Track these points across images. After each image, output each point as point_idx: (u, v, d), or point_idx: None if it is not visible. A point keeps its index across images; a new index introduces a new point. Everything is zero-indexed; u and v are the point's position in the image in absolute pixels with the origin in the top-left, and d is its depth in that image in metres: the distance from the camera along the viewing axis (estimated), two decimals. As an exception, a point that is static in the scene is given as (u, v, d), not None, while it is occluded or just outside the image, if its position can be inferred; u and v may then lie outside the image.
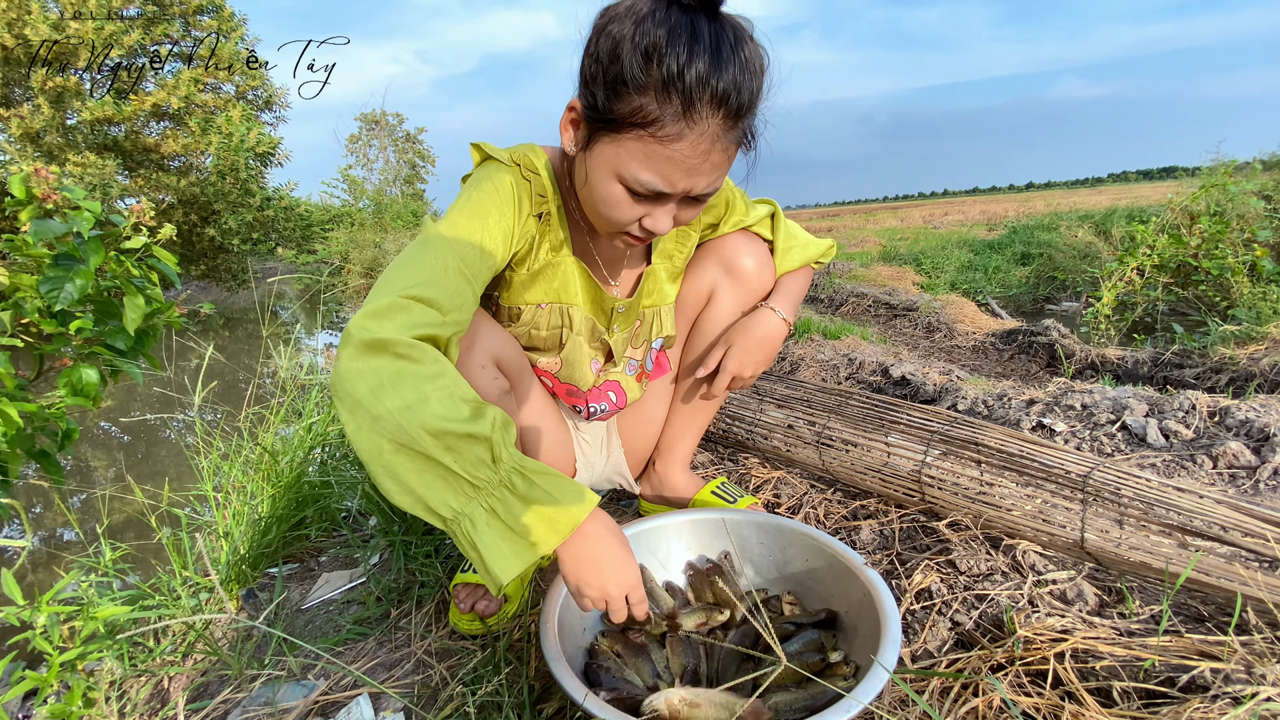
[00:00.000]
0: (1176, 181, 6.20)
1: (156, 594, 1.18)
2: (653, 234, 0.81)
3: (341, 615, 1.15)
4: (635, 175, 0.73)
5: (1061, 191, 42.70)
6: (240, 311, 10.08)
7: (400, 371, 0.64)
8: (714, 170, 0.75)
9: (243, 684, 0.97)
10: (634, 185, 0.74)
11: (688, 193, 0.76)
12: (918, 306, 4.16)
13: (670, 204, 0.78)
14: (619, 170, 0.74)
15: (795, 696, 0.74)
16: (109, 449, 3.94)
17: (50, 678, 0.86)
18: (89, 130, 10.46)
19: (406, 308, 0.68)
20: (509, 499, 0.67)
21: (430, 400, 0.64)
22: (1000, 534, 1.04)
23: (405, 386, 0.64)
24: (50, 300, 1.21)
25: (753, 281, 1.07)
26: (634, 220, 0.79)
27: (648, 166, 0.72)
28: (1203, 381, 2.44)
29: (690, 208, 0.81)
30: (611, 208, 0.78)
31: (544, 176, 0.88)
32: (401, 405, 0.63)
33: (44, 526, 2.72)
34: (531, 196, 0.87)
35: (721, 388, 1.08)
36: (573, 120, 0.80)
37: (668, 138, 0.70)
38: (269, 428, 1.65)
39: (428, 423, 0.63)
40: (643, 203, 0.77)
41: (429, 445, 0.63)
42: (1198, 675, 0.69)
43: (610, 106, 0.72)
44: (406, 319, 0.67)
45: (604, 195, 0.77)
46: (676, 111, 0.69)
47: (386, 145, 21.55)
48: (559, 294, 0.95)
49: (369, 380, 0.64)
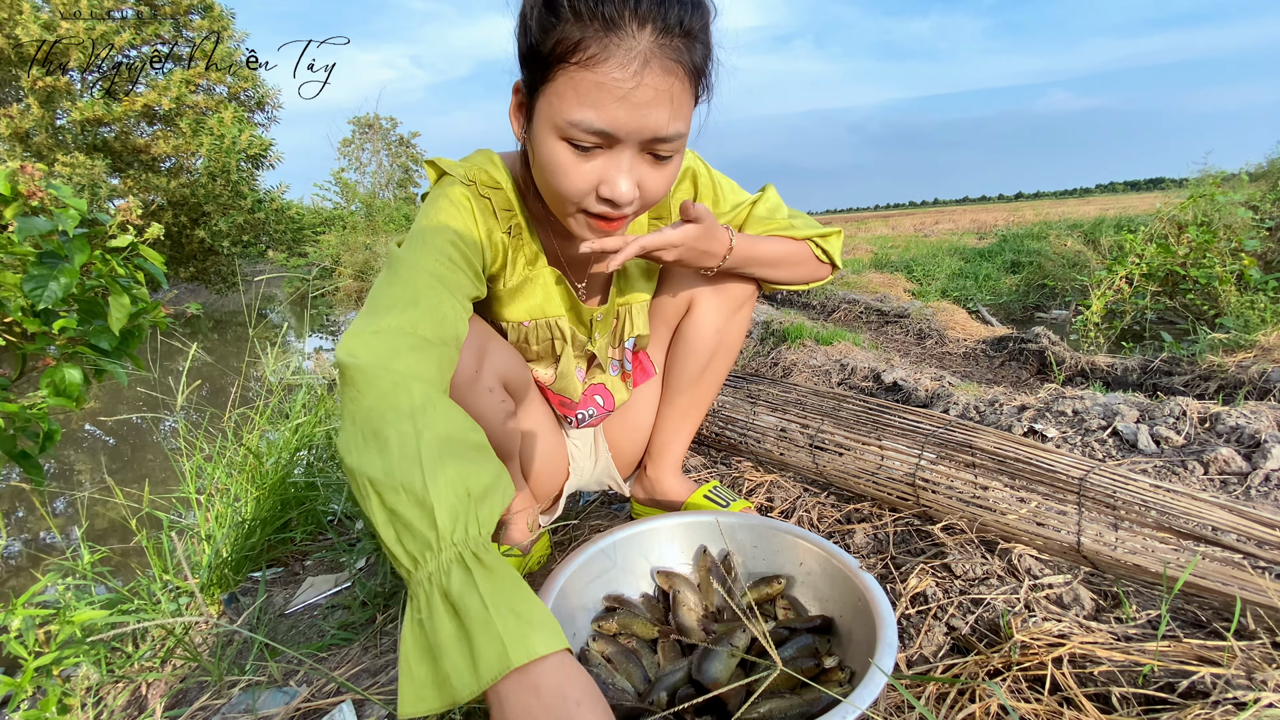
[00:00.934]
0: (1163, 192, 6.30)
1: (136, 598, 1.15)
2: (614, 204, 0.73)
3: (326, 620, 1.12)
4: (569, 116, 0.67)
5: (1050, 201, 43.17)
6: (229, 314, 10.00)
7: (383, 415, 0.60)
8: (658, 101, 0.67)
9: (222, 690, 0.94)
10: (572, 134, 0.68)
11: (638, 135, 0.68)
12: (909, 313, 4.17)
13: (622, 157, 0.70)
14: (555, 120, 0.68)
15: (790, 703, 0.72)
16: (92, 451, 3.88)
17: (24, 683, 0.83)
18: (78, 130, 10.38)
19: (384, 341, 0.65)
20: (433, 599, 0.53)
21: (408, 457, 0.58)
22: (996, 538, 1.04)
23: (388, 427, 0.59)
24: (34, 299, 1.19)
25: (732, 288, 1.03)
26: (589, 188, 0.72)
27: (579, 101, 0.66)
28: (1192, 388, 2.45)
29: (655, 167, 0.73)
30: (560, 175, 0.71)
31: (506, 189, 0.84)
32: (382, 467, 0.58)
33: (25, 530, 2.67)
34: (495, 212, 0.84)
35: (653, 247, 0.85)
36: (520, 103, 0.76)
37: (592, 60, 0.64)
38: (254, 429, 1.62)
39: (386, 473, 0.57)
40: (591, 159, 0.70)
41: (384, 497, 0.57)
42: (1197, 681, 0.68)
43: (537, 53, 0.68)
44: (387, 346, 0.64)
45: (550, 162, 0.71)
46: (597, 30, 0.64)
47: (379, 149, 21.51)
48: (543, 309, 0.94)
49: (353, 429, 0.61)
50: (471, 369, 0.82)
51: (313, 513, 1.50)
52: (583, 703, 0.50)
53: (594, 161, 0.70)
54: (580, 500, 1.43)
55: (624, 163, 0.70)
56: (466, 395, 0.82)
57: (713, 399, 1.16)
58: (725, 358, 1.10)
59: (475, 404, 0.84)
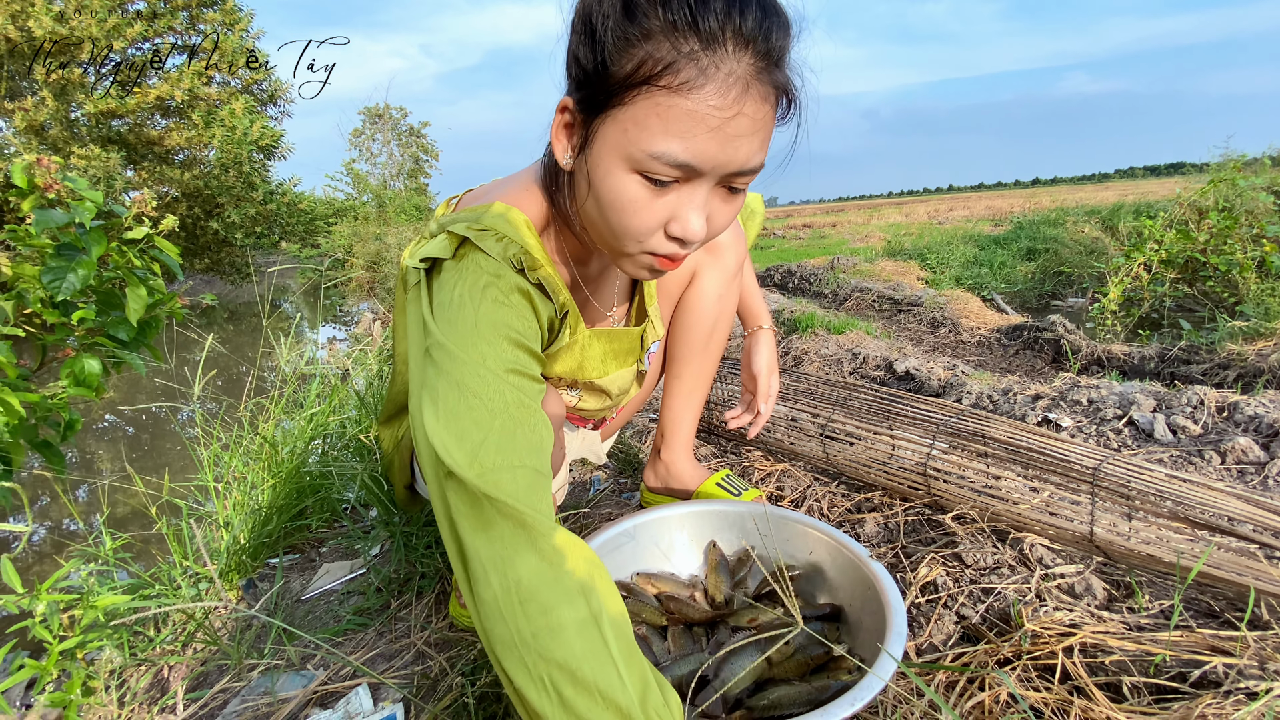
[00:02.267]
0: (1184, 177, 6.16)
1: (157, 584, 1.18)
2: (684, 243, 0.64)
3: (342, 606, 1.14)
4: (650, 147, 0.58)
5: (1068, 187, 42.43)
6: (244, 305, 10.10)
7: (541, 577, 0.54)
8: (752, 131, 0.59)
9: (242, 673, 0.96)
10: (651, 166, 0.59)
11: (724, 169, 0.60)
12: (922, 302, 4.14)
13: (700, 191, 0.62)
14: (629, 150, 0.59)
15: (799, 690, 0.73)
16: (112, 440, 3.95)
17: (50, 666, 0.85)
18: (93, 123, 10.48)
19: (501, 479, 0.57)
20: None
21: (592, 655, 0.53)
22: (1007, 527, 1.03)
23: (542, 600, 0.54)
24: (53, 290, 1.20)
25: (729, 256, 1.07)
26: (656, 226, 0.63)
27: (666, 130, 0.57)
28: (1210, 377, 2.42)
29: (726, 201, 0.65)
30: (626, 212, 0.62)
31: (544, 261, 0.73)
32: (539, 629, 0.53)
33: (48, 517, 2.73)
34: (546, 293, 0.74)
35: (767, 416, 1.17)
36: (566, 124, 0.65)
37: (686, 85, 0.56)
38: (269, 418, 1.65)
39: (568, 663, 0.52)
40: (665, 194, 0.61)
41: (562, 686, 0.52)
42: (1210, 671, 0.68)
43: (609, 73, 0.58)
44: (512, 485, 0.57)
45: (614, 198, 0.62)
46: (694, 50, 0.55)
47: (390, 139, 21.54)
48: (577, 374, 0.92)
49: (514, 598, 0.54)
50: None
51: (328, 500, 1.52)
52: None
53: (667, 197, 0.62)
54: (591, 489, 1.44)
55: (700, 198, 0.62)
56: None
57: (715, 369, 1.19)
58: (725, 326, 1.13)
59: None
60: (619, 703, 0.52)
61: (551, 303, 0.75)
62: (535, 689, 0.52)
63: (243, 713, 0.87)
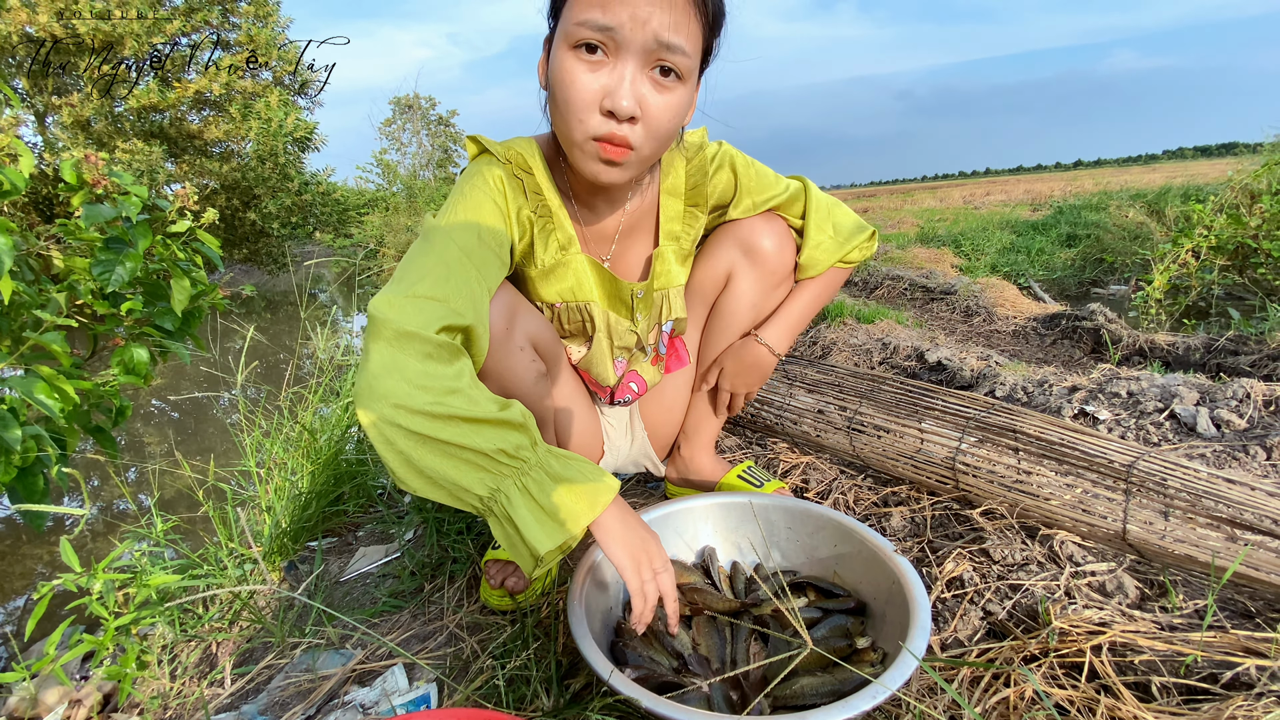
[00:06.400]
0: (1236, 159, 5.88)
1: (204, 564, 1.23)
2: (615, 116, 0.73)
3: (377, 588, 1.18)
4: (577, 18, 0.71)
5: (1112, 169, 40.86)
6: (281, 294, 10.35)
7: (428, 372, 0.66)
8: (666, 7, 0.70)
9: (285, 651, 1.01)
10: (579, 34, 0.71)
11: (642, 40, 0.71)
12: (956, 290, 4.05)
13: (626, 67, 0.72)
14: (567, 29, 0.72)
15: (821, 681, 0.74)
16: (159, 425, 4.12)
17: (106, 640, 0.90)
18: (135, 118, 10.79)
19: (419, 307, 0.68)
20: (543, 480, 0.69)
21: (460, 393, 0.66)
22: (1037, 523, 1.02)
23: (435, 385, 0.65)
24: (103, 282, 1.26)
25: (771, 262, 1.04)
26: (593, 102, 0.73)
27: (588, 3, 0.70)
28: (1259, 369, 2.33)
29: (659, 87, 0.74)
30: (568, 88, 0.73)
31: (539, 173, 0.88)
32: (431, 400, 0.64)
33: (101, 498, 2.86)
34: (525, 193, 0.87)
35: (723, 405, 1.16)
36: (545, 56, 0.80)
37: None
38: (308, 406, 1.70)
39: (459, 411, 0.65)
40: (598, 72, 0.72)
41: (462, 432, 0.65)
42: (1242, 672, 0.67)
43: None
44: (422, 317, 0.67)
45: (559, 78, 0.74)
46: None
47: (419, 129, 21.73)
48: (574, 293, 0.95)
49: (396, 377, 0.65)
50: (502, 326, 0.82)
51: (364, 486, 1.57)
52: (631, 516, 0.76)
53: (599, 73, 0.72)
54: (620, 479, 1.45)
55: (627, 73, 0.72)
56: (496, 351, 0.82)
57: None
58: None
59: (505, 360, 0.84)
60: (478, 414, 0.66)
61: (525, 200, 0.87)
62: (424, 429, 0.64)
63: (286, 688, 0.91)
